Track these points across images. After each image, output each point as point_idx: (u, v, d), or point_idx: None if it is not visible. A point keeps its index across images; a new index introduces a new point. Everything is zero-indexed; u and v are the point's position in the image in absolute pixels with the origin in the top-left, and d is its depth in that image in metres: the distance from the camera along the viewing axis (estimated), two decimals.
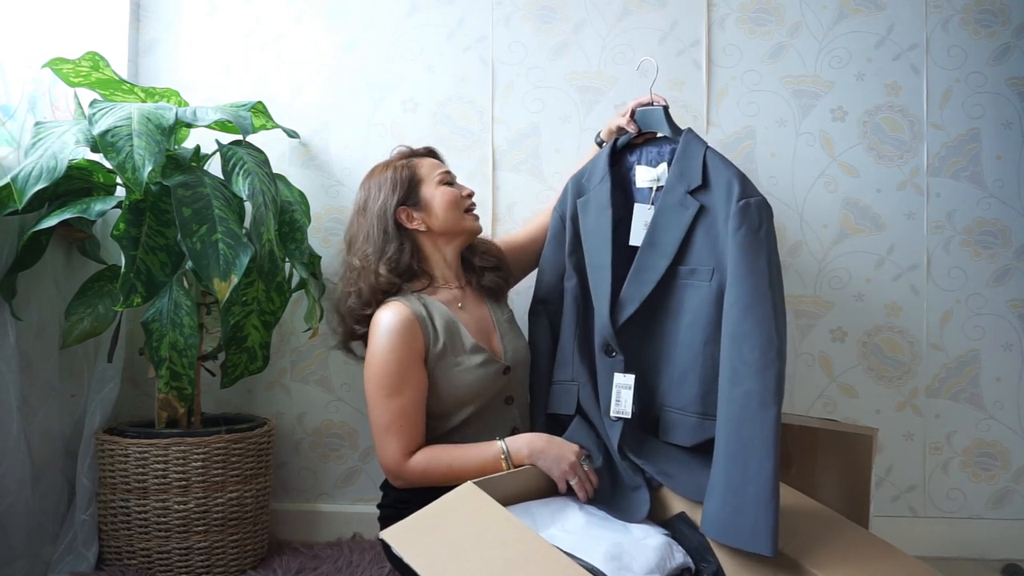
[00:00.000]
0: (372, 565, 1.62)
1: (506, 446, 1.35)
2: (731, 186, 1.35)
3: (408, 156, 1.57)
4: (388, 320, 1.41)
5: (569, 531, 1.19)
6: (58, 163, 1.36)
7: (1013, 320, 1.84)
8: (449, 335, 1.44)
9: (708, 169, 1.40)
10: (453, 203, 1.51)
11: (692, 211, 1.39)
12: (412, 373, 1.40)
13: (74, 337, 1.56)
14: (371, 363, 1.41)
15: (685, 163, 1.43)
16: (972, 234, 1.85)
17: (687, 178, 1.41)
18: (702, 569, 1.22)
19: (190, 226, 1.42)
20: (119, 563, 1.56)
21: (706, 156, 1.41)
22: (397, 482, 1.40)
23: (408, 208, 1.49)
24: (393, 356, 1.39)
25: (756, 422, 1.23)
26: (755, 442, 1.22)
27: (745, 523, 1.19)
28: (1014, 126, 1.85)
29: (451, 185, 1.54)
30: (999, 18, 1.85)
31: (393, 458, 1.38)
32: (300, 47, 1.97)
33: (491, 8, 1.93)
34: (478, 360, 1.44)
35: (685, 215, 1.40)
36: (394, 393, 1.38)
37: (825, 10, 1.88)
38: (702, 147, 1.43)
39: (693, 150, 1.43)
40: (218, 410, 1.89)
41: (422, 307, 1.45)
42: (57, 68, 1.58)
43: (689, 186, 1.41)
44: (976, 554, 1.79)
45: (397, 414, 1.38)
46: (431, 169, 1.54)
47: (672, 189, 1.43)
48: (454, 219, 1.51)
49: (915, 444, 1.85)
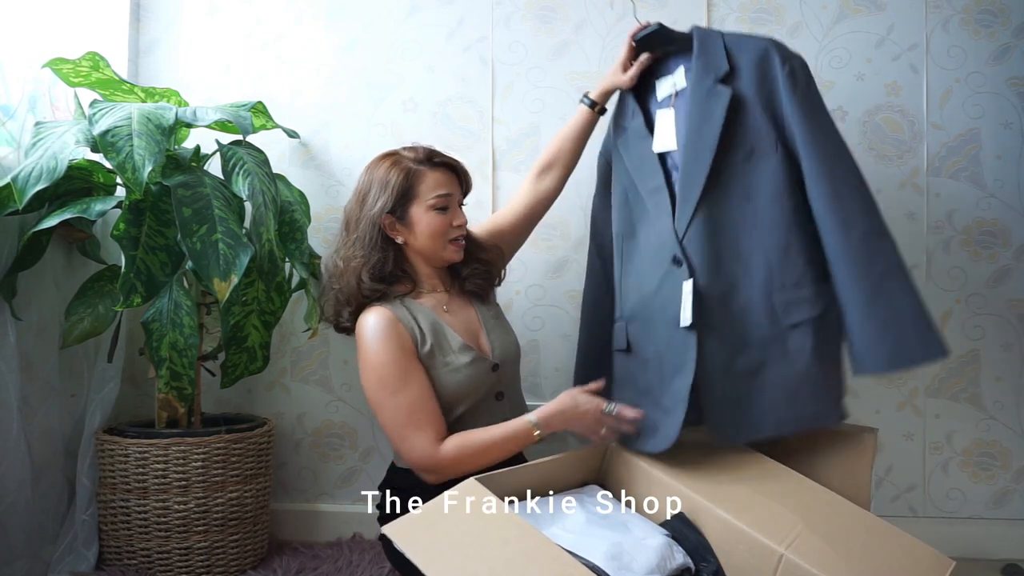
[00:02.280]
0: (372, 565, 1.62)
1: (535, 418, 1.37)
2: (768, 54, 1.36)
3: (421, 162, 1.47)
4: (373, 323, 1.40)
5: (570, 530, 1.19)
6: (58, 163, 1.36)
7: (1013, 320, 1.84)
8: (436, 337, 1.43)
9: (732, 53, 1.39)
10: (436, 234, 1.45)
11: (725, 99, 1.37)
12: (411, 367, 1.39)
13: (74, 337, 1.56)
14: (367, 368, 1.40)
15: (707, 56, 1.41)
16: (972, 234, 1.85)
17: (713, 68, 1.40)
18: (702, 569, 1.22)
19: (190, 226, 1.42)
20: (119, 563, 1.56)
21: (725, 41, 1.41)
22: (432, 476, 1.36)
23: (393, 218, 1.45)
24: (387, 354, 1.38)
25: (884, 256, 1.29)
26: (891, 273, 1.29)
27: (913, 344, 1.27)
28: (1014, 126, 1.85)
29: (444, 211, 1.46)
30: (999, 18, 1.85)
31: (423, 450, 1.35)
32: (300, 47, 1.97)
33: (491, 8, 1.93)
34: (466, 359, 1.43)
35: (719, 106, 1.37)
36: (399, 389, 1.37)
37: (825, 10, 1.88)
38: (719, 35, 1.42)
39: (711, 40, 1.42)
40: (218, 410, 1.89)
41: (406, 311, 1.44)
42: (57, 68, 1.58)
43: (718, 74, 1.39)
44: (976, 554, 1.79)
45: (411, 408, 1.37)
46: (432, 188, 1.45)
47: (700, 83, 1.40)
48: (432, 248, 1.47)
49: (915, 444, 1.85)
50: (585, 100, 1.62)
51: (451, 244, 1.48)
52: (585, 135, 1.64)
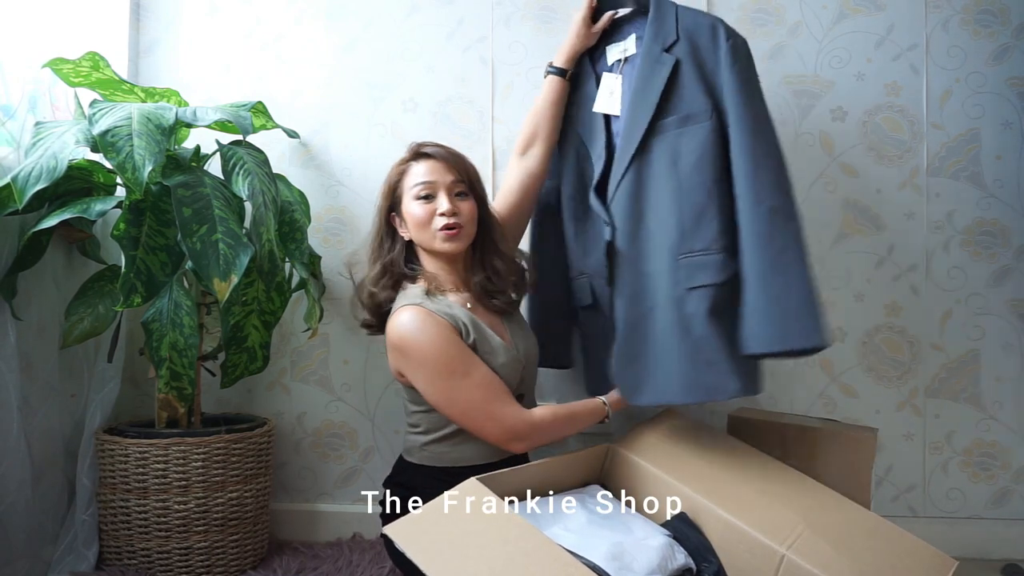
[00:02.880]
0: (372, 565, 1.62)
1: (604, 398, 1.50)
2: (715, 29, 1.44)
3: (409, 158, 1.50)
4: (411, 319, 1.38)
5: (571, 530, 1.19)
6: (58, 163, 1.36)
7: (1013, 320, 1.84)
8: (476, 331, 1.42)
9: (681, 23, 1.48)
10: (421, 223, 1.45)
11: (668, 66, 1.45)
12: (466, 349, 1.39)
13: (74, 337, 1.56)
14: (425, 362, 1.36)
15: (659, 24, 1.50)
16: (972, 234, 1.85)
17: (662, 37, 1.48)
18: (703, 569, 1.22)
19: (190, 226, 1.42)
20: (119, 563, 1.56)
21: (678, 12, 1.50)
22: (522, 444, 1.39)
23: (395, 216, 1.51)
24: (443, 341, 1.36)
25: (787, 234, 1.33)
26: (789, 252, 1.33)
27: (795, 325, 1.31)
28: (1014, 126, 1.85)
29: (427, 199, 1.44)
30: (999, 18, 1.85)
31: (518, 417, 1.38)
32: (300, 47, 1.97)
33: (491, 8, 1.93)
34: (504, 358, 1.42)
35: (663, 71, 1.45)
36: (469, 370, 1.36)
37: (825, 10, 1.88)
38: (672, 6, 1.51)
39: (664, 9, 1.51)
40: (218, 410, 1.89)
41: (444, 306, 1.42)
42: (57, 68, 1.57)
43: (665, 43, 1.48)
44: (976, 554, 1.79)
45: (488, 383, 1.37)
46: (414, 179, 1.46)
47: (649, 51, 1.49)
48: (423, 238, 1.47)
49: (915, 444, 1.85)
50: (552, 69, 1.63)
51: (441, 232, 1.44)
52: (560, 104, 1.63)
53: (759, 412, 1.70)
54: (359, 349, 1.93)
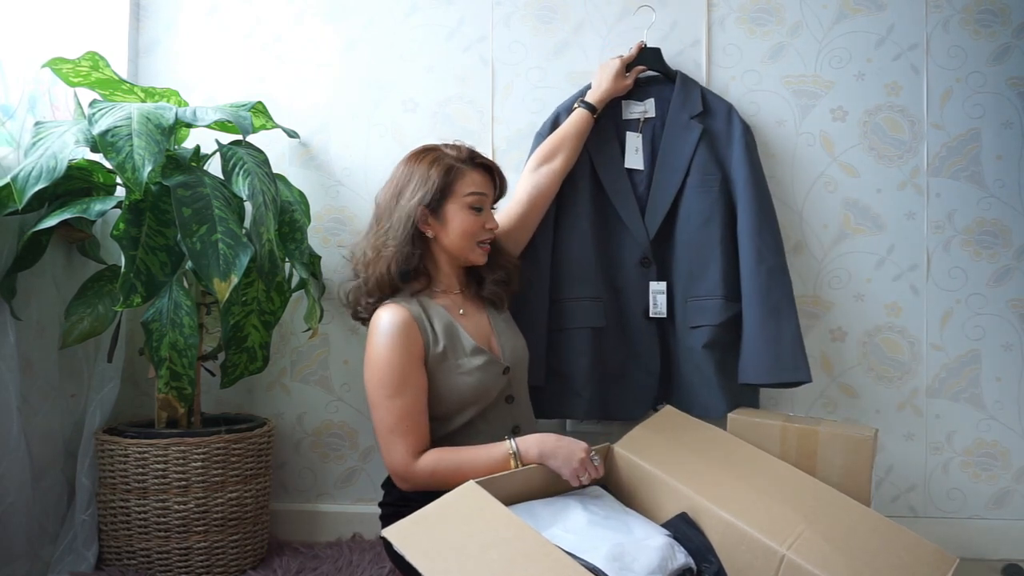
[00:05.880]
0: (372, 565, 1.62)
1: (516, 445, 1.34)
2: (731, 113, 1.75)
3: (463, 161, 1.50)
4: (386, 322, 1.41)
5: (571, 531, 1.19)
6: (58, 163, 1.36)
7: (1013, 320, 1.84)
8: (449, 338, 1.44)
9: (707, 99, 1.77)
10: (468, 233, 1.48)
11: (697, 132, 1.73)
12: (412, 374, 1.40)
13: (74, 337, 1.56)
14: (371, 365, 1.41)
15: (686, 95, 1.77)
16: (972, 234, 1.85)
17: (689, 107, 1.75)
18: (704, 570, 1.22)
19: (190, 226, 1.41)
20: (119, 563, 1.56)
21: (703, 90, 1.78)
22: (404, 485, 1.39)
23: (427, 212, 1.47)
24: (393, 357, 1.39)
25: (782, 287, 1.66)
26: (783, 303, 1.65)
27: (787, 362, 1.62)
28: (1014, 126, 1.85)
29: (479, 211, 1.49)
30: (999, 18, 1.85)
31: (401, 460, 1.37)
32: (300, 47, 1.96)
33: (491, 8, 1.93)
34: (479, 362, 1.44)
35: (691, 136, 1.73)
36: (396, 394, 1.38)
37: (825, 10, 1.88)
38: (697, 84, 1.80)
39: (691, 85, 1.79)
40: (218, 410, 1.89)
41: (420, 310, 1.45)
42: (57, 68, 1.57)
43: (692, 112, 1.74)
44: (976, 554, 1.79)
45: (401, 414, 1.38)
46: (469, 186, 1.48)
47: (677, 116, 1.75)
48: (460, 247, 1.49)
49: (915, 444, 1.85)
50: (585, 105, 1.74)
51: (479, 246, 1.51)
52: (583, 135, 1.75)
53: (759, 412, 1.70)
54: (359, 349, 1.92)
